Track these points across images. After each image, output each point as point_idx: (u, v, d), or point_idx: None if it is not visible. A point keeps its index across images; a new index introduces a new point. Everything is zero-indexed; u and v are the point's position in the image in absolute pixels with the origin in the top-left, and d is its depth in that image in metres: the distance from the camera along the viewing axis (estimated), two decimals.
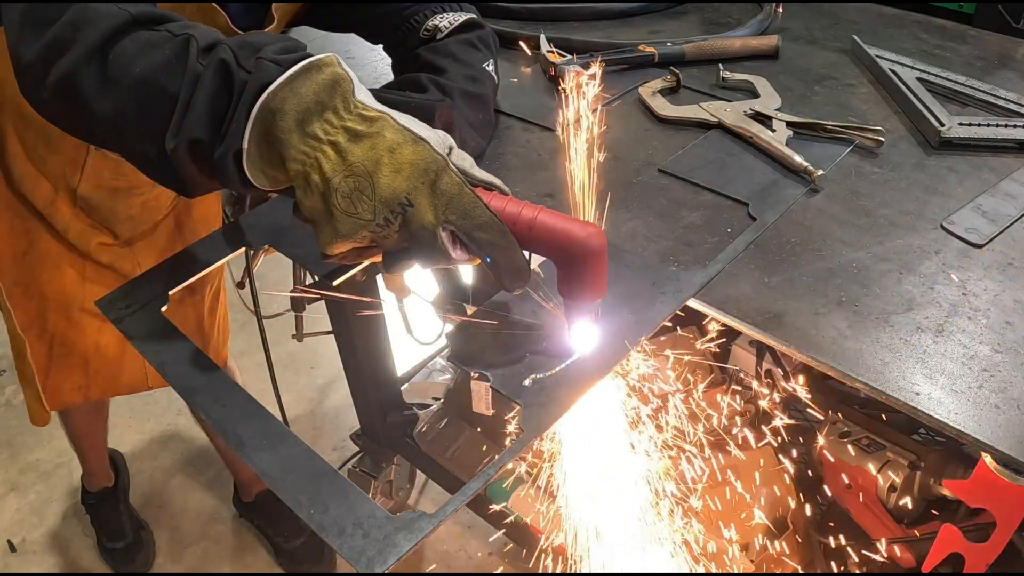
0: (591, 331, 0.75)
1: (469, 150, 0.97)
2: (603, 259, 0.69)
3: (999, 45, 1.39)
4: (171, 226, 1.47)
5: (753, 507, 1.34)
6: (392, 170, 0.64)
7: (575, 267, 0.69)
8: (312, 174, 0.65)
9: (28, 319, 1.42)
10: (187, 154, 0.67)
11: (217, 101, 0.66)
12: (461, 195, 0.65)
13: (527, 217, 0.68)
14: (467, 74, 1.00)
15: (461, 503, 0.63)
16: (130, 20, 0.69)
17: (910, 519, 1.20)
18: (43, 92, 0.71)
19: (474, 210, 0.66)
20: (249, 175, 0.68)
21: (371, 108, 0.66)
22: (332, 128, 0.65)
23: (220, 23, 1.00)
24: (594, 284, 0.70)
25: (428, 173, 0.65)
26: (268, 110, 0.65)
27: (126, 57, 0.68)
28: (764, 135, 1.08)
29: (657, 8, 1.54)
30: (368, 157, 0.64)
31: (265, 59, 0.66)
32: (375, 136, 0.65)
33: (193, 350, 0.78)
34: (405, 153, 0.65)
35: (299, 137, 0.65)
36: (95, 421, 1.93)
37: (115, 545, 2.04)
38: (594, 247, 0.68)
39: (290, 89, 0.65)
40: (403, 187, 0.64)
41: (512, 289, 0.70)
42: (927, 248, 0.91)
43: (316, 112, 0.65)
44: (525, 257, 0.69)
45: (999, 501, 0.77)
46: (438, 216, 0.65)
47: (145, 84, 0.67)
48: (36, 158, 1.25)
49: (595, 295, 0.71)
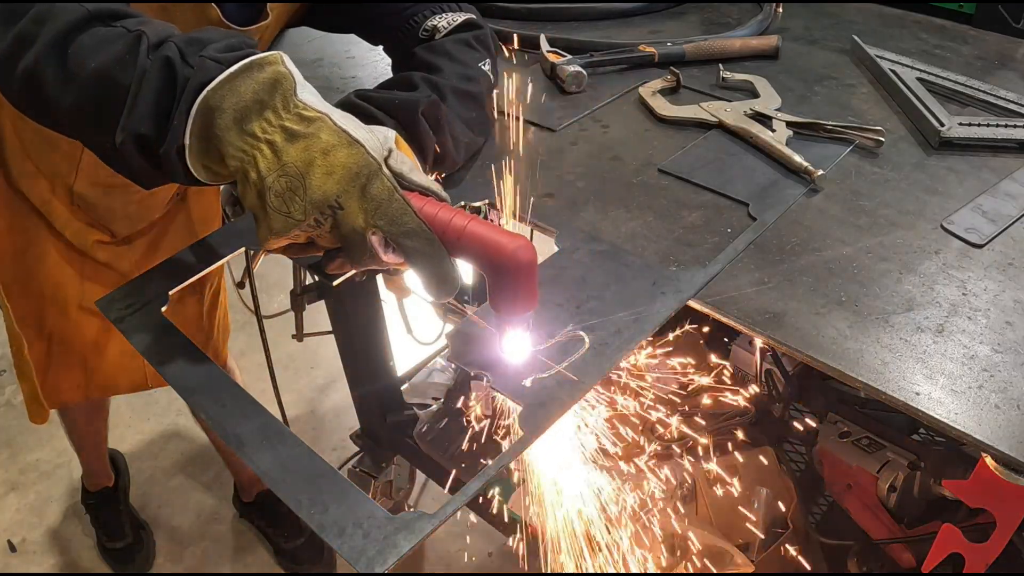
0: (521, 343, 0.74)
1: (461, 147, 0.97)
2: (532, 273, 0.68)
3: (999, 45, 1.39)
4: (170, 225, 1.47)
5: (753, 507, 1.34)
6: (324, 172, 0.65)
7: (504, 279, 0.68)
8: (250, 171, 0.66)
9: (26, 317, 1.42)
10: (134, 147, 0.69)
11: (162, 97, 0.68)
12: (391, 201, 0.66)
13: (457, 226, 0.68)
14: (461, 73, 1.00)
15: (461, 503, 0.63)
16: (88, 16, 0.71)
17: (910, 519, 1.20)
18: (14, 84, 0.74)
19: (402, 217, 0.66)
20: (192, 170, 0.70)
21: (311, 108, 0.67)
22: (270, 127, 0.66)
23: (212, 18, 1.01)
24: (523, 297, 0.69)
25: (359, 177, 0.66)
26: (207, 108, 0.66)
27: (83, 52, 0.70)
28: (764, 135, 1.08)
29: (657, 8, 1.54)
30: (302, 158, 0.65)
31: (207, 57, 0.68)
32: (311, 137, 0.66)
33: (193, 350, 0.78)
34: (339, 156, 0.65)
35: (237, 135, 0.66)
36: (95, 420, 1.93)
37: (115, 545, 2.04)
38: (522, 260, 0.67)
39: (229, 87, 0.66)
40: (333, 190, 0.65)
41: (437, 298, 0.71)
42: (927, 248, 0.91)
43: (255, 110, 0.66)
44: (454, 267, 0.69)
45: (999, 501, 0.77)
46: (367, 220, 0.66)
47: (100, 78, 0.69)
48: (33, 155, 1.25)
49: (524, 308, 0.70)
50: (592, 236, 0.91)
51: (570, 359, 0.74)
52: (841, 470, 1.27)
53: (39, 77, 0.71)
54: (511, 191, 0.91)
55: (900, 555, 1.16)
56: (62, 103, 0.71)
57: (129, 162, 0.71)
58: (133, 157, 0.70)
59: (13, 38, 0.72)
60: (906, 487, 1.18)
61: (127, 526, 2.06)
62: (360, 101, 0.89)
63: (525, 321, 0.72)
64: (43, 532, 2.14)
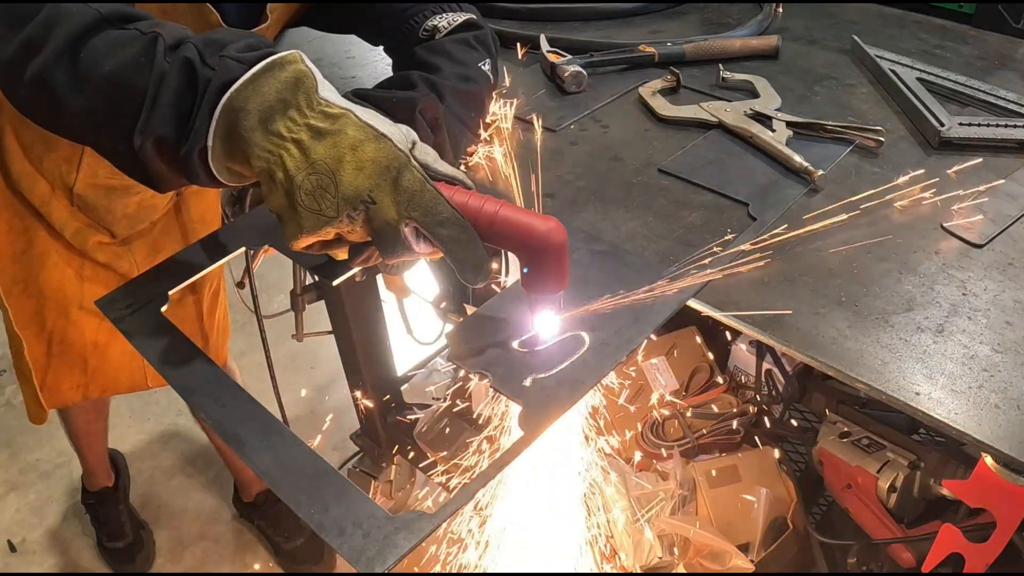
0: (553, 322, 0.76)
1: (458, 147, 0.97)
2: (564, 253, 0.70)
3: (999, 45, 1.39)
4: (169, 226, 1.47)
5: (753, 507, 1.34)
6: (354, 168, 0.65)
7: (536, 261, 0.70)
8: (276, 171, 0.66)
9: (26, 317, 1.42)
10: (154, 150, 0.68)
11: (182, 99, 0.67)
12: (423, 192, 0.66)
13: (489, 212, 0.69)
14: (460, 72, 1.00)
15: (461, 503, 0.63)
16: (100, 19, 0.70)
17: (910, 519, 1.20)
18: (20, 89, 0.73)
19: (436, 207, 0.66)
20: (215, 171, 0.69)
21: (334, 105, 0.67)
22: (295, 126, 0.66)
23: (212, 21, 1.01)
24: (555, 277, 0.71)
25: (390, 170, 0.66)
26: (231, 109, 0.66)
27: (96, 55, 0.69)
28: (764, 135, 1.08)
29: (657, 8, 1.54)
30: (331, 155, 0.65)
31: (229, 57, 0.67)
32: (338, 133, 0.66)
33: (193, 350, 0.78)
34: (367, 150, 0.65)
35: (262, 135, 0.66)
36: (95, 420, 1.93)
37: (115, 545, 2.04)
38: (554, 241, 0.69)
39: (253, 88, 0.65)
40: (365, 185, 0.65)
41: (473, 283, 0.71)
42: (927, 248, 0.91)
43: (279, 110, 0.66)
44: (486, 252, 0.70)
45: (999, 501, 0.77)
46: (400, 212, 0.66)
47: (114, 82, 0.68)
48: (33, 156, 1.25)
49: (557, 287, 0.73)
50: (592, 236, 0.91)
51: (570, 359, 0.74)
52: (841, 470, 1.27)
53: (49, 82, 0.70)
54: (511, 191, 0.91)
55: (900, 555, 1.16)
56: (72, 107, 0.70)
57: (147, 165, 0.70)
58: (152, 160, 0.69)
59: (20, 43, 0.71)
60: (906, 487, 1.18)
61: (127, 526, 2.06)
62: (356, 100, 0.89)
63: (558, 300, 0.74)
64: (43, 532, 2.14)
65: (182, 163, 0.68)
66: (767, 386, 1.52)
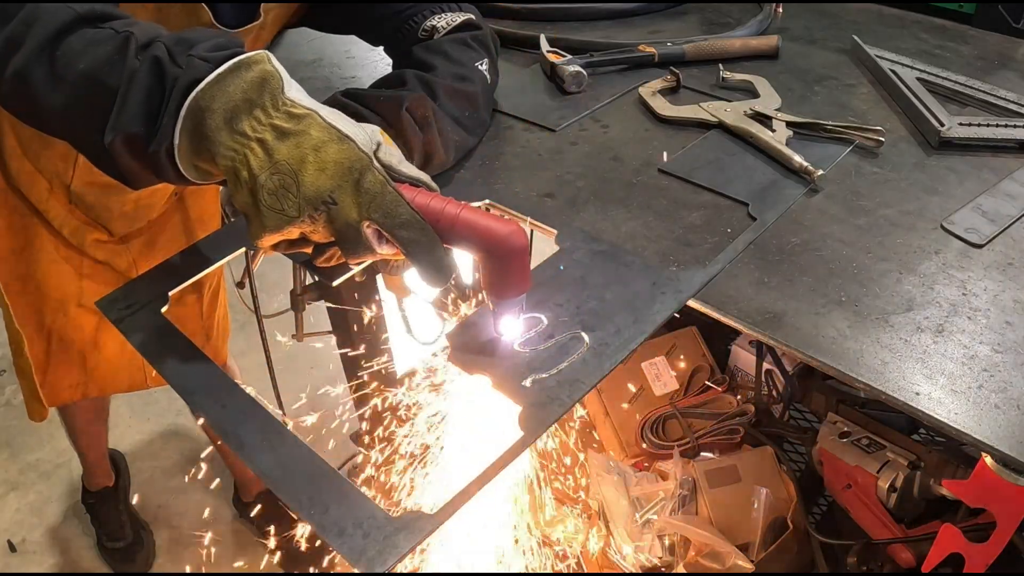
0: (516, 325, 0.76)
1: (451, 146, 0.97)
2: (525, 256, 0.71)
3: (999, 45, 1.39)
4: (168, 225, 1.47)
5: (753, 507, 1.34)
6: (316, 168, 0.66)
7: (497, 264, 0.70)
8: (241, 170, 0.67)
9: (26, 314, 1.42)
10: (124, 147, 0.70)
11: (151, 97, 0.68)
12: (384, 193, 0.67)
13: (450, 215, 0.69)
14: (455, 72, 1.01)
15: (462, 504, 0.63)
16: (77, 18, 0.72)
17: (910, 519, 1.20)
18: (3, 86, 0.74)
19: (396, 208, 0.67)
20: (182, 169, 0.70)
21: (299, 105, 0.68)
22: (260, 125, 0.66)
23: (204, 20, 1.01)
24: (516, 280, 0.72)
25: (352, 172, 0.66)
26: (197, 108, 0.67)
27: (72, 54, 0.70)
28: (764, 135, 1.08)
29: (657, 8, 1.54)
30: (294, 155, 0.66)
31: (196, 56, 0.68)
32: (301, 134, 0.66)
33: (193, 350, 0.78)
34: (330, 151, 0.66)
35: (228, 134, 0.67)
36: (96, 420, 1.93)
37: (115, 545, 2.04)
38: (515, 245, 0.69)
39: (219, 87, 0.66)
40: (327, 185, 0.66)
41: (434, 285, 0.71)
42: (927, 248, 0.91)
43: (244, 109, 0.66)
44: (448, 255, 0.70)
45: (999, 501, 0.77)
46: (361, 213, 0.67)
47: (88, 80, 0.69)
48: (31, 154, 1.26)
49: (518, 291, 0.73)
50: (592, 236, 0.91)
51: (570, 359, 0.74)
52: (841, 470, 1.27)
53: (28, 79, 0.71)
54: (511, 191, 0.91)
55: (900, 555, 1.16)
56: (50, 105, 0.72)
57: (118, 162, 0.71)
58: (122, 157, 0.71)
59: (2, 41, 0.72)
60: (906, 487, 1.18)
61: (127, 526, 2.06)
62: (345, 99, 0.90)
63: (519, 304, 0.74)
64: (43, 532, 2.14)
65: (151, 160, 0.70)
66: (767, 386, 1.52)
